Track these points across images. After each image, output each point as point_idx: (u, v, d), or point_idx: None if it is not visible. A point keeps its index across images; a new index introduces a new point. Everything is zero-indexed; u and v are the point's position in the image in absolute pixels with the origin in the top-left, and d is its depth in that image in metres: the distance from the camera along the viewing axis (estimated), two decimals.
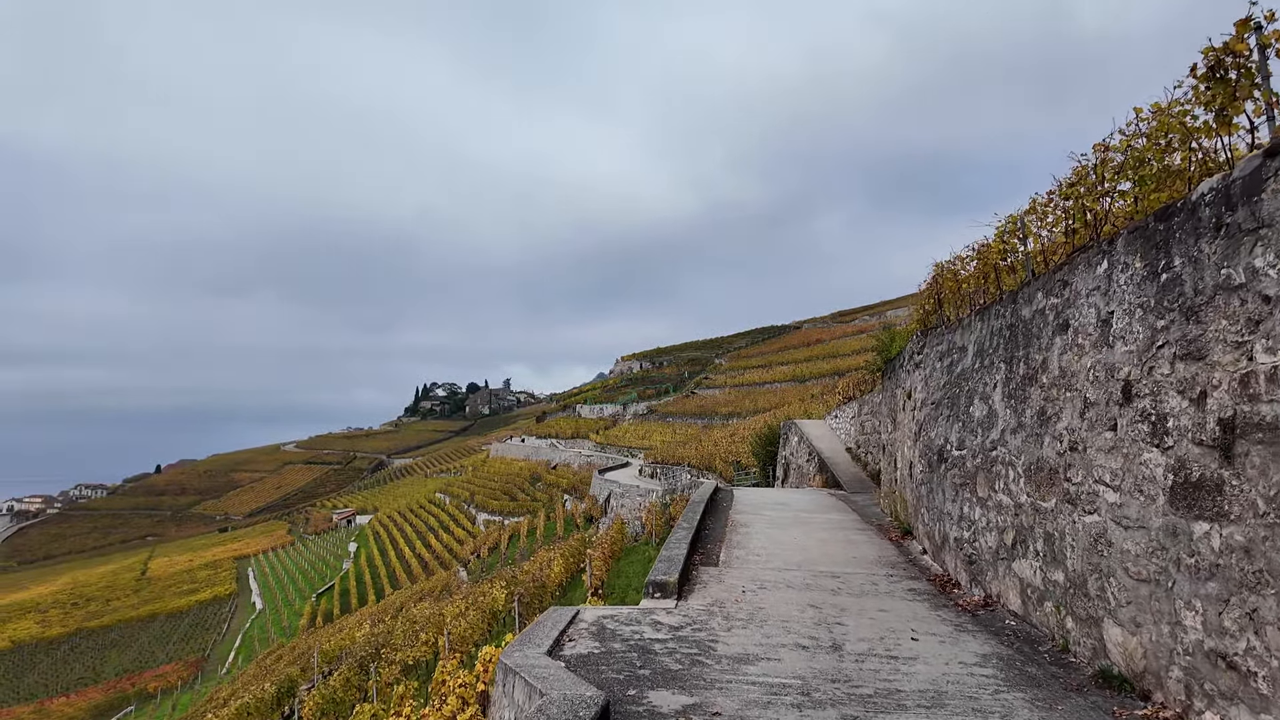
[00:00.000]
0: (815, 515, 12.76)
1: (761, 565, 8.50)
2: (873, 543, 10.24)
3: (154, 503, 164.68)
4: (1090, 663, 5.00)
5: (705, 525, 10.95)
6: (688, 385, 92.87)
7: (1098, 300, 5.03)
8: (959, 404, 8.06)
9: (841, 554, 9.31)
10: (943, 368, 8.96)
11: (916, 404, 10.14)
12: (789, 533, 10.78)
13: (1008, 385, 6.63)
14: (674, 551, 8.05)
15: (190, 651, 57.62)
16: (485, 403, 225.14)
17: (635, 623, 6.03)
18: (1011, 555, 6.41)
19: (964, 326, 8.29)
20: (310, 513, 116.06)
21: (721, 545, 9.62)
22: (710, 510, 12.44)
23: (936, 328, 9.97)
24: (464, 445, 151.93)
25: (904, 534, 10.41)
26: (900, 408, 11.83)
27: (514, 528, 46.32)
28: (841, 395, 23.47)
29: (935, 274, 10.48)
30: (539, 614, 12.87)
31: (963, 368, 8.10)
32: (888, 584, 7.80)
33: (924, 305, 11.23)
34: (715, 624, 6.06)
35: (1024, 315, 6.37)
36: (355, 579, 60.20)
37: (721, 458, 37.14)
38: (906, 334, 12.30)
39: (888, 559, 9.16)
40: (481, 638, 13.59)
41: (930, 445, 9.10)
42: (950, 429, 8.28)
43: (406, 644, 14.99)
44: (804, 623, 6.17)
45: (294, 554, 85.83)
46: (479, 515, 66.51)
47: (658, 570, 7.21)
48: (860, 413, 20.40)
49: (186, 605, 71.51)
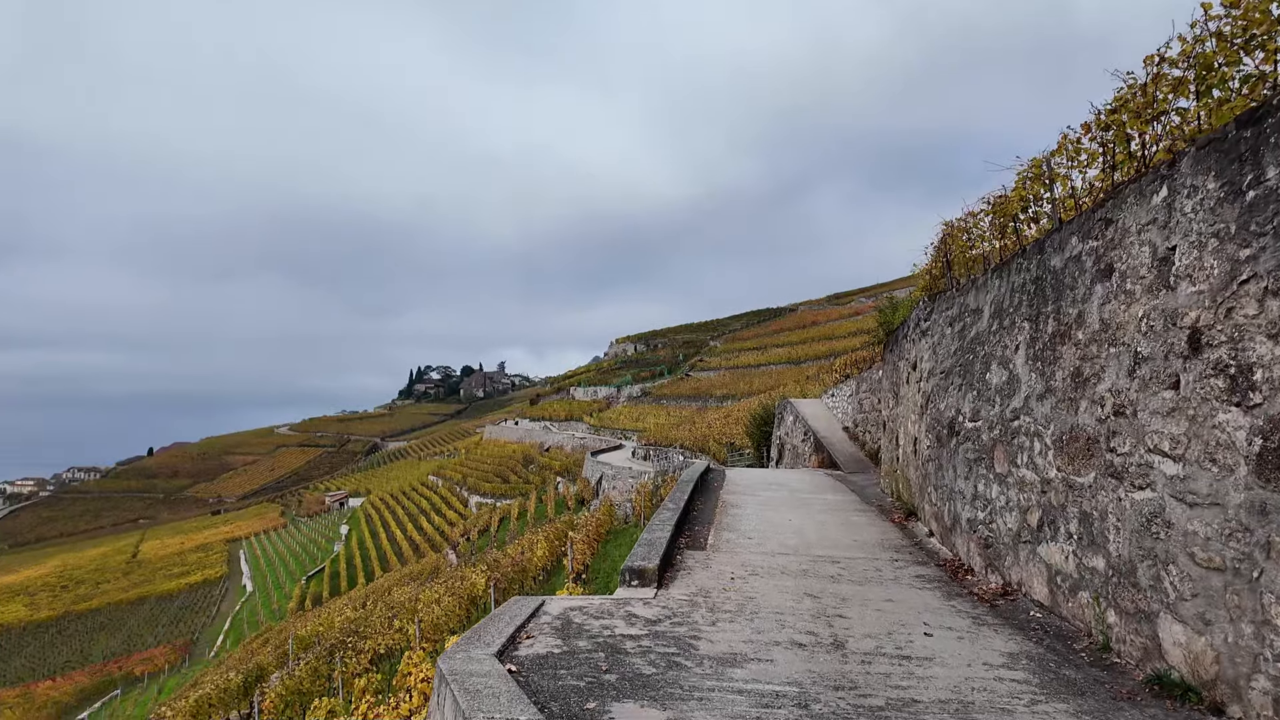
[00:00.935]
0: (812, 496, 12.00)
1: (753, 549, 7.72)
2: (874, 524, 9.47)
3: (146, 485, 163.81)
4: (1140, 665, 4.23)
5: (693, 506, 10.18)
6: (682, 367, 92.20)
7: (1153, 235, 4.20)
8: (973, 371, 7.25)
9: (841, 537, 8.55)
10: (953, 333, 8.15)
11: (923, 374, 9.34)
12: (783, 514, 10.01)
13: (1033, 346, 5.82)
14: (656, 534, 7.26)
15: (179, 634, 57.06)
16: (480, 386, 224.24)
17: (607, 615, 5.24)
18: (1036, 538, 5.63)
19: (978, 287, 7.47)
20: (303, 495, 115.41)
21: (710, 528, 8.85)
22: (700, 490, 11.66)
23: (945, 291, 9.16)
24: (458, 428, 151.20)
25: (908, 515, 9.65)
26: (904, 380, 11.04)
27: (505, 510, 45.67)
28: (838, 373, 22.69)
29: (944, 233, 9.66)
30: None
31: (977, 331, 7.28)
32: (893, 570, 7.02)
33: (930, 270, 10.40)
34: (699, 617, 5.27)
35: (1053, 265, 5.55)
36: (345, 561, 59.64)
37: (715, 439, 36.44)
38: (910, 303, 11.49)
39: (891, 542, 8.39)
40: (458, 625, 12.85)
41: (939, 418, 8.31)
42: (962, 399, 7.48)
43: (380, 631, 14.21)
44: (801, 615, 5.39)
45: (286, 536, 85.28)
46: (471, 498, 65.93)
47: (636, 555, 6.42)
48: (858, 390, 19.63)
49: (177, 588, 70.89)
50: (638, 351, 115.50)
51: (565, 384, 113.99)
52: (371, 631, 14.60)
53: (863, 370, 19.95)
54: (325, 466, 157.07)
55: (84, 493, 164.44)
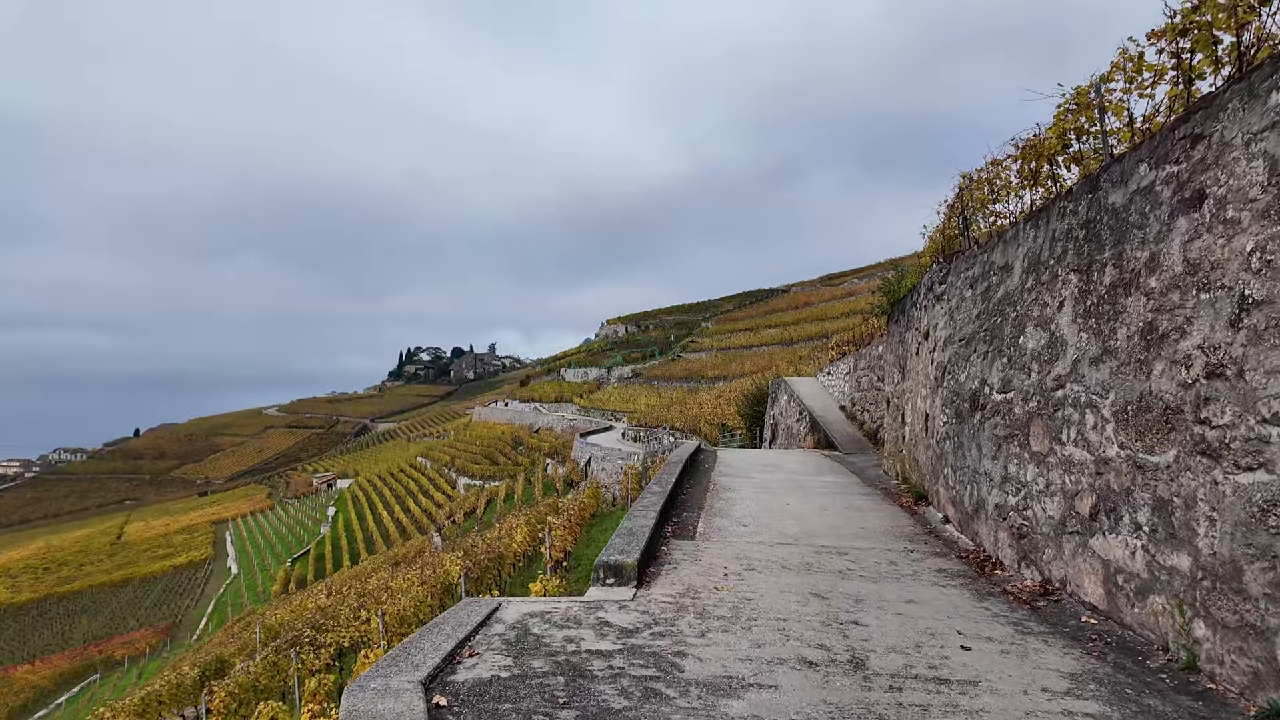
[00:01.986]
0: (810, 478, 11.11)
1: (749, 539, 6.81)
2: (881, 510, 8.58)
3: (132, 467, 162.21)
4: (1248, 694, 3.33)
5: (682, 490, 9.26)
6: (674, 349, 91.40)
7: (1272, 144, 3.25)
8: (1001, 336, 6.32)
9: (846, 524, 7.64)
10: (975, 296, 7.21)
11: (937, 344, 8.41)
12: (781, 498, 9.11)
13: (1083, 302, 4.88)
14: (638, 522, 6.32)
15: (162, 617, 56.19)
16: (470, 367, 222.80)
17: (574, 624, 4.31)
18: (1089, 528, 4.72)
19: (1006, 241, 6.52)
20: (291, 476, 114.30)
21: (701, 513, 7.93)
22: (689, 472, 10.75)
23: (963, 251, 8.22)
24: (448, 410, 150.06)
25: (918, 499, 8.77)
26: (912, 353, 10.12)
27: (493, 492, 44.83)
28: (835, 350, 21.78)
29: (961, 187, 8.70)
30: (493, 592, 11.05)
31: (1006, 291, 6.35)
32: (909, 563, 6.12)
33: (944, 229, 9.45)
34: (685, 625, 4.34)
35: (1112, 203, 4.59)
36: (331, 544, 58.76)
37: (707, 420, 35.63)
38: (919, 270, 10.54)
39: (903, 530, 7.50)
40: (429, 616, 11.92)
41: (958, 391, 7.39)
42: (988, 368, 6.56)
43: (347, 622, 13.25)
44: (808, 622, 4.47)
45: (272, 518, 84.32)
46: (459, 479, 65.10)
47: (613, 547, 5.48)
48: (856, 368, 18.74)
49: (161, 570, 69.90)
50: (629, 333, 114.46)
51: (556, 365, 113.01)
52: (338, 623, 13.66)
53: (861, 347, 19.04)
54: (314, 448, 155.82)
55: (70, 474, 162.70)
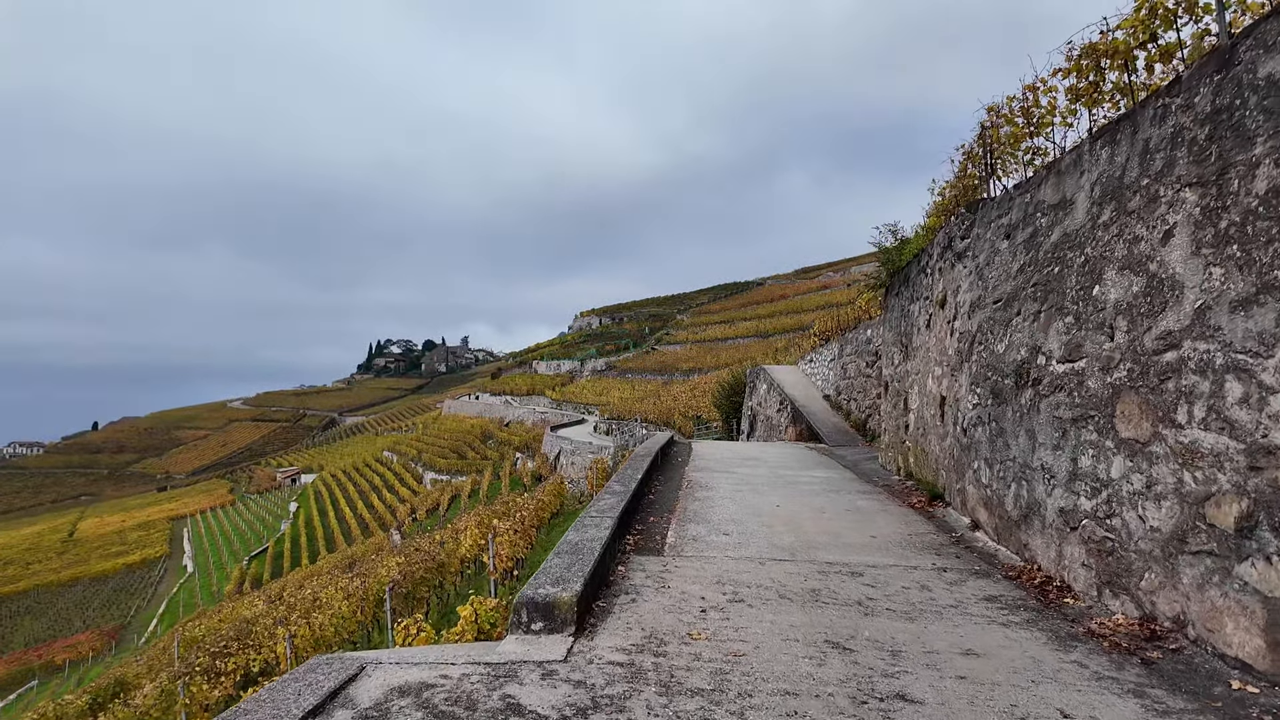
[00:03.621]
0: (798, 473, 9.61)
1: (733, 552, 5.26)
2: (889, 512, 7.09)
3: (90, 461, 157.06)
4: None
5: (650, 488, 7.70)
6: (648, 341, 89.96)
7: None
8: (1060, 290, 4.84)
9: (852, 531, 6.13)
10: (1014, 246, 5.73)
11: (960, 310, 6.93)
12: (768, 497, 7.58)
13: (1212, 224, 3.39)
14: (587, 534, 4.70)
15: (110, 619, 53.52)
16: (442, 360, 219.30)
17: (466, 708, 2.71)
18: (1236, 548, 3.24)
19: (1060, 172, 5.03)
20: (254, 471, 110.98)
21: (672, 518, 6.37)
22: (660, 467, 9.19)
23: (989, 199, 6.75)
24: (419, 403, 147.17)
25: (932, 498, 7.29)
26: (919, 327, 8.65)
27: (457, 487, 43.01)
28: (817, 336, 20.36)
29: (985, 123, 7.22)
30: (419, 616, 9.23)
31: (1065, 232, 4.86)
32: (946, 587, 4.62)
33: (961, 178, 7.97)
34: (642, 711, 2.77)
35: (1265, 76, 3.10)
36: (291, 541, 56.55)
37: (681, 412, 34.20)
38: (926, 233, 9.07)
39: (923, 538, 6.00)
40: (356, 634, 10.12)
41: (995, 364, 5.90)
42: (1043, 332, 5.07)
43: (261, 640, 11.39)
44: (830, 700, 2.91)
45: (233, 514, 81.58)
46: (426, 474, 63.13)
47: (547, 572, 3.87)
48: (842, 354, 17.31)
49: (113, 569, 66.93)
50: (603, 325, 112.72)
51: (528, 358, 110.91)
52: (257, 639, 11.81)
53: (846, 331, 17.62)
54: (280, 442, 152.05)
55: (23, 469, 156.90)
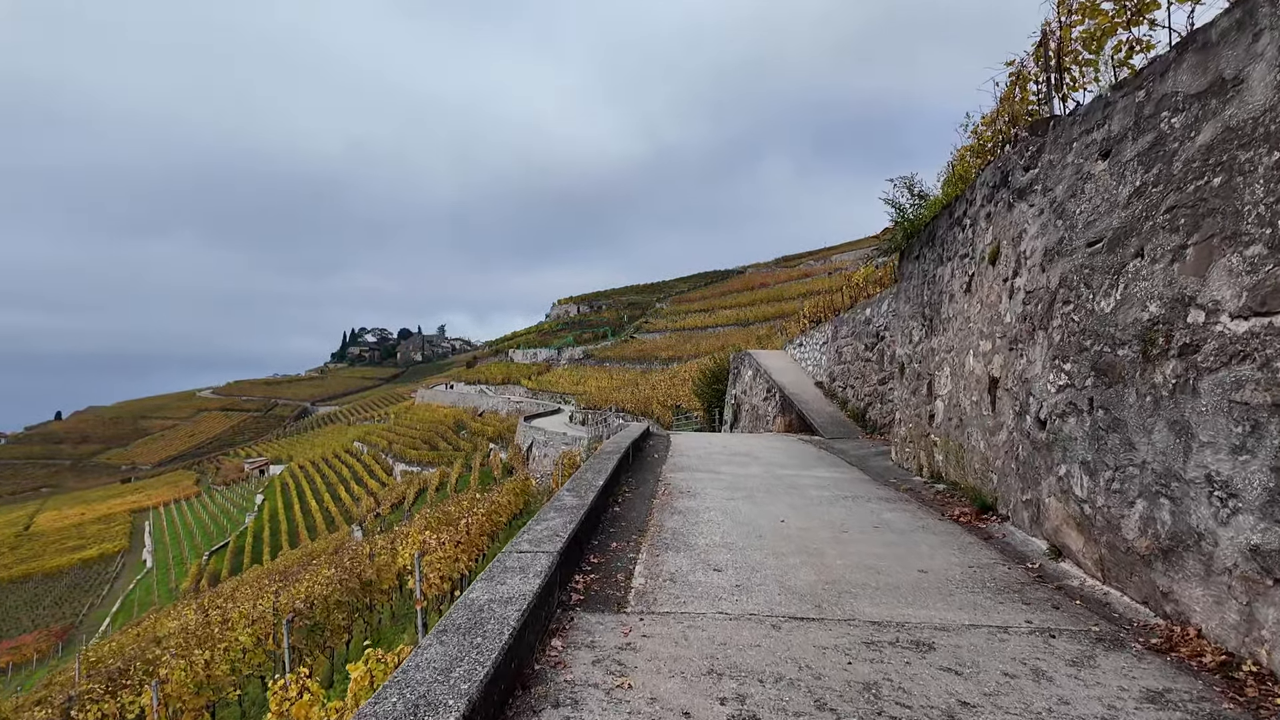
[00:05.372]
0: (800, 473, 7.96)
1: (731, 605, 3.58)
2: (929, 528, 5.45)
3: (52, 451, 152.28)
4: None
5: (617, 495, 6.00)
6: (627, 330, 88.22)
7: None
8: (1232, 211, 3.19)
9: (893, 562, 4.48)
10: (1118, 167, 4.09)
11: (1025, 261, 5.28)
12: (767, 508, 5.92)
13: None
14: (503, 587, 2.94)
15: (60, 618, 50.92)
16: (418, 349, 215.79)
17: None
18: None
19: (1208, 46, 3.38)
20: (221, 462, 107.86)
21: (642, 543, 4.68)
22: (631, 467, 7.50)
23: (1066, 118, 5.09)
24: (393, 392, 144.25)
25: (982, 510, 5.66)
26: (955, 291, 7.00)
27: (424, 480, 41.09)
28: (807, 318, 18.74)
29: (1045, 29, 5.57)
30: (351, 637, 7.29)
31: (1225, 128, 3.22)
32: (1073, 674, 2.96)
33: (1009, 106, 6.30)
34: None
35: None
36: (253, 535, 54.34)
37: (660, 402, 32.56)
38: (956, 180, 7.42)
39: (992, 573, 4.35)
40: (265, 666, 8.13)
41: (1097, 329, 4.25)
42: (1196, 276, 3.43)
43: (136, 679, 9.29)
44: None
45: (198, 506, 78.87)
46: (397, 466, 61.05)
47: (407, 684, 2.15)
48: (836, 336, 15.71)
49: (67, 564, 64.06)
50: (581, 313, 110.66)
51: (504, 346, 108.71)
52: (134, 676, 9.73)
53: (841, 312, 16.01)
54: (250, 432, 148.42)
55: None
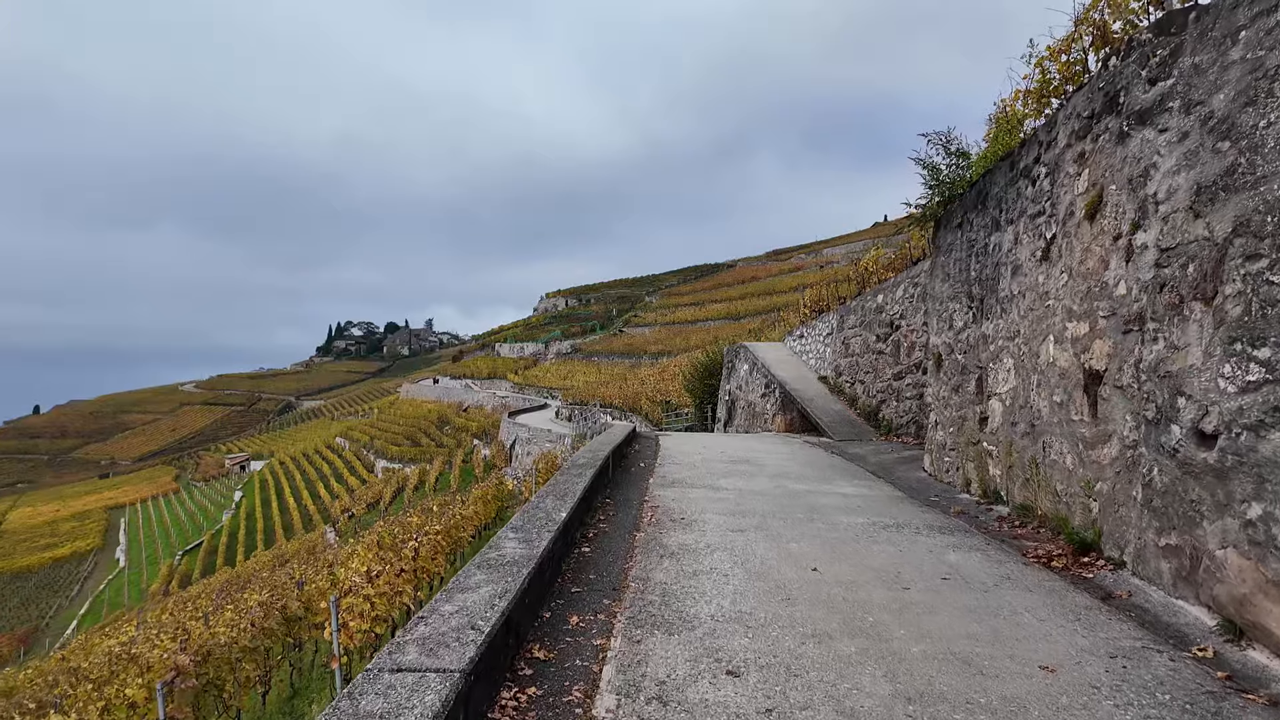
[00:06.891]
0: (819, 489, 6.50)
1: None
2: (1015, 580, 4.00)
3: (29, 446, 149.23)
4: None
5: (587, 528, 4.51)
6: (616, 323, 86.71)
7: None
8: None
9: (993, 651, 3.02)
10: None
11: (1152, 208, 3.83)
12: (791, 546, 4.45)
13: None
14: None
15: (25, 620, 48.99)
16: (405, 343, 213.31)
17: None
18: None
19: None
20: (201, 457, 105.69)
21: (617, 617, 3.19)
22: (611, 481, 6.00)
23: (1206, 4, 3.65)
24: (379, 387, 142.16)
25: (1081, 549, 4.21)
26: (1023, 261, 5.56)
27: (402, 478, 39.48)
28: (808, 307, 17.29)
29: None
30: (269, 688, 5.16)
31: None
32: None
33: (1103, 12, 4.83)
34: None
35: None
36: (229, 534, 52.57)
37: (649, 397, 31.07)
38: (1011, 124, 5.97)
39: (1156, 674, 2.91)
40: None
41: None
42: None
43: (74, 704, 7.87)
44: None
45: (175, 503, 76.86)
46: (378, 462, 59.35)
47: None
48: (842, 326, 14.28)
49: (38, 563, 61.95)
50: (569, 307, 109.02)
51: (491, 340, 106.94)
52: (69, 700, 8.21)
53: (848, 300, 14.57)
54: (233, 427, 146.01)
55: None
